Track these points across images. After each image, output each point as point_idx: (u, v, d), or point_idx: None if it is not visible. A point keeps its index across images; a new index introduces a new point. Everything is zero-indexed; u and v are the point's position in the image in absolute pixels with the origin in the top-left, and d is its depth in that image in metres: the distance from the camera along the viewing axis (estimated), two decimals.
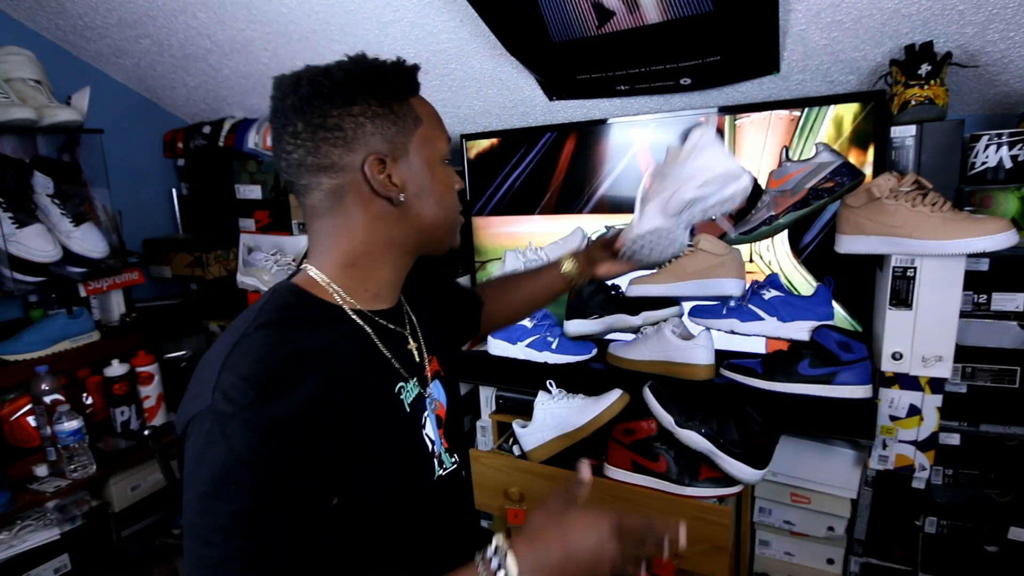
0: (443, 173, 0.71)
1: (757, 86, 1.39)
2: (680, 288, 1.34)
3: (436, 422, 0.74)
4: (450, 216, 0.74)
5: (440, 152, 0.71)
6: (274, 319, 0.62)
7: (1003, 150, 1.11)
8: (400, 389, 0.69)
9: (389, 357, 0.70)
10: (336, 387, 0.61)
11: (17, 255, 1.54)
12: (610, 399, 1.35)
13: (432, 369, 0.77)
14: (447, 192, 0.72)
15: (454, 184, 0.74)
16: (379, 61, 0.66)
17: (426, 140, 0.69)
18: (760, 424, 1.20)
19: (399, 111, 0.66)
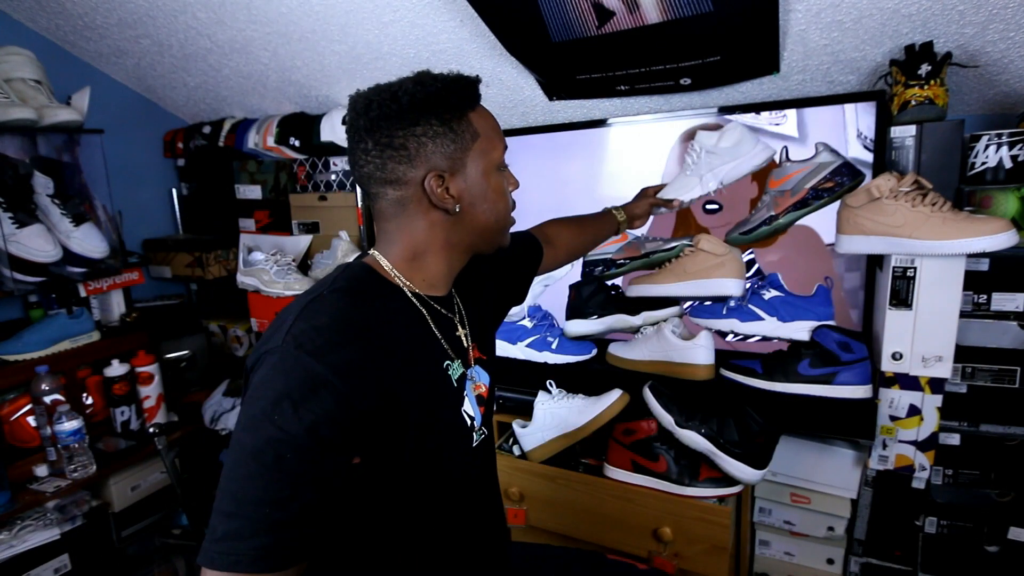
0: (498, 180, 0.77)
1: (757, 86, 1.39)
2: (680, 288, 1.34)
3: (476, 400, 0.81)
4: (501, 219, 0.80)
5: (495, 161, 0.76)
6: (347, 287, 0.71)
7: (1003, 150, 1.11)
8: (448, 366, 0.77)
9: (440, 337, 0.77)
10: (393, 352, 0.68)
11: (17, 255, 1.54)
12: (610, 399, 1.35)
13: (475, 355, 0.84)
14: (500, 198, 0.78)
15: (508, 188, 0.80)
16: (441, 79, 0.74)
17: (483, 152, 0.75)
18: (760, 424, 1.20)
19: (458, 128, 0.73)
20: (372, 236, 1.81)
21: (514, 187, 0.82)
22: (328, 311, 0.66)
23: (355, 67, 1.67)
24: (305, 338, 0.62)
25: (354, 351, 0.64)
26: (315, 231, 1.91)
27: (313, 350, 0.61)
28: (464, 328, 0.84)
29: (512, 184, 0.81)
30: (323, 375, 0.60)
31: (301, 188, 1.93)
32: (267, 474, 0.58)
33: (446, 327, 0.80)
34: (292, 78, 1.78)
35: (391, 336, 0.70)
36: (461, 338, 0.82)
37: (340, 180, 1.85)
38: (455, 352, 0.79)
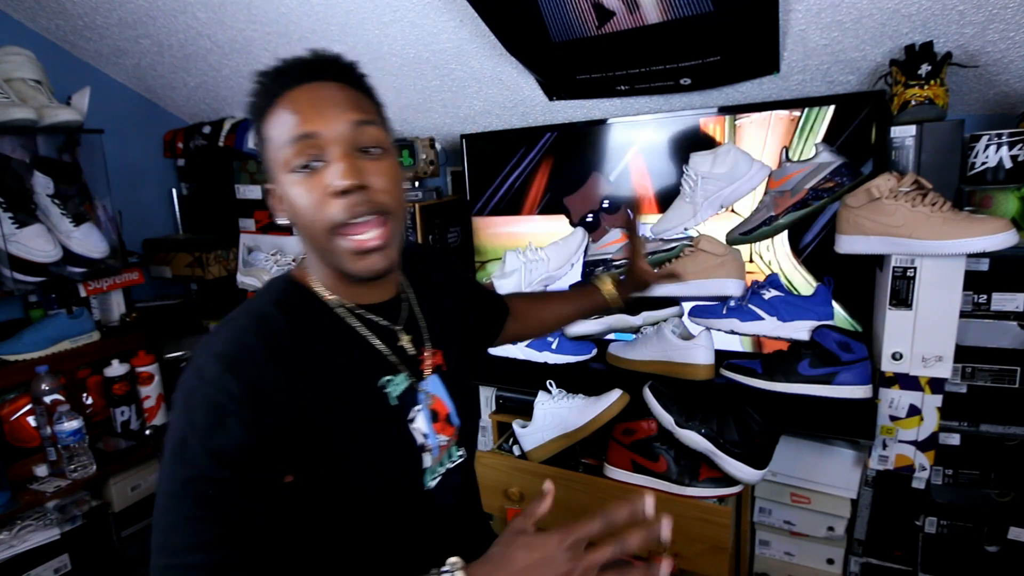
0: (293, 183, 0.64)
1: (757, 86, 1.39)
2: (680, 288, 1.34)
3: (430, 416, 0.74)
4: (313, 234, 0.65)
5: (282, 162, 0.64)
6: (259, 305, 0.67)
7: (1003, 150, 1.11)
8: (387, 382, 0.71)
9: (377, 349, 0.71)
10: (308, 373, 0.64)
11: (17, 255, 1.54)
12: (610, 399, 1.35)
13: (433, 363, 0.77)
14: (299, 206, 0.64)
15: (304, 193, 0.64)
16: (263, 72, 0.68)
17: (277, 150, 0.65)
18: (760, 424, 1.20)
19: (262, 130, 0.67)
20: None
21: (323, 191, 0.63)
22: (231, 336, 0.62)
23: None
24: (207, 368, 0.59)
25: (257, 375, 0.60)
26: None
27: (213, 379, 0.58)
28: (412, 333, 0.76)
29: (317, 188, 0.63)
30: (225, 404, 0.57)
31: None
32: (193, 516, 0.56)
33: (386, 336, 0.73)
34: None
35: (306, 354, 0.64)
36: (405, 346, 0.75)
37: None
38: (400, 363, 0.73)
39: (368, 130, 0.66)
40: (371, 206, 0.64)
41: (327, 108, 0.64)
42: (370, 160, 0.65)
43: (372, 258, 0.66)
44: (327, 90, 0.66)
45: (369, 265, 0.66)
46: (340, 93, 0.66)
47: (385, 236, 0.65)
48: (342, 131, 0.64)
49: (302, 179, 0.64)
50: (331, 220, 0.63)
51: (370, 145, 0.66)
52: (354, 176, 0.62)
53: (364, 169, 0.64)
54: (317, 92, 0.65)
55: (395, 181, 0.68)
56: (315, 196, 0.63)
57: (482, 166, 1.71)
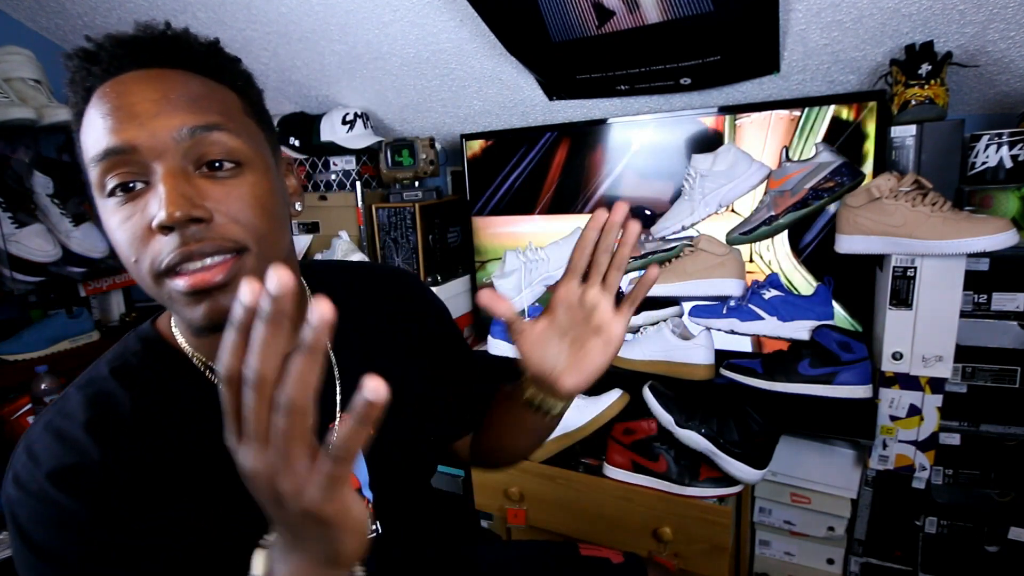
0: (106, 210, 0.49)
1: (757, 86, 1.39)
2: (680, 288, 1.34)
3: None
4: (137, 276, 0.50)
5: (92, 187, 0.49)
6: (100, 380, 0.54)
7: (1003, 150, 1.10)
8: None
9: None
10: (166, 468, 0.51)
11: (17, 255, 1.54)
12: (610, 399, 1.35)
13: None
14: (115, 241, 0.49)
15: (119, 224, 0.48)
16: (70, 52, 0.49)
17: (87, 168, 0.49)
18: (760, 424, 1.20)
19: (78, 134, 0.50)
20: (372, 236, 1.81)
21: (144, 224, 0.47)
22: (58, 435, 0.50)
23: (355, 67, 1.67)
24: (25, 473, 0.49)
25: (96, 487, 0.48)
26: (315, 231, 1.91)
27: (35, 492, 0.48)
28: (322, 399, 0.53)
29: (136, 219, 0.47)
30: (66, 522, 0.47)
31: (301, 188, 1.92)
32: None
33: None
34: (292, 78, 1.78)
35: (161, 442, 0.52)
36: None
37: (340, 180, 1.85)
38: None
39: (212, 138, 0.48)
40: (215, 243, 0.47)
41: (144, 108, 0.47)
42: (216, 181, 0.48)
43: (208, 302, 0.48)
44: (150, 82, 0.48)
45: (204, 311, 0.48)
46: (169, 85, 0.48)
47: (232, 270, 0.48)
48: (166, 141, 0.46)
49: (116, 206, 0.48)
50: (154, 262, 0.47)
51: (219, 158, 0.48)
52: (183, 205, 0.45)
53: (204, 192, 0.47)
54: (134, 86, 0.48)
55: (257, 204, 0.50)
56: (134, 229, 0.47)
57: (482, 166, 1.71)
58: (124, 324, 1.94)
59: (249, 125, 0.53)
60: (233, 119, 0.51)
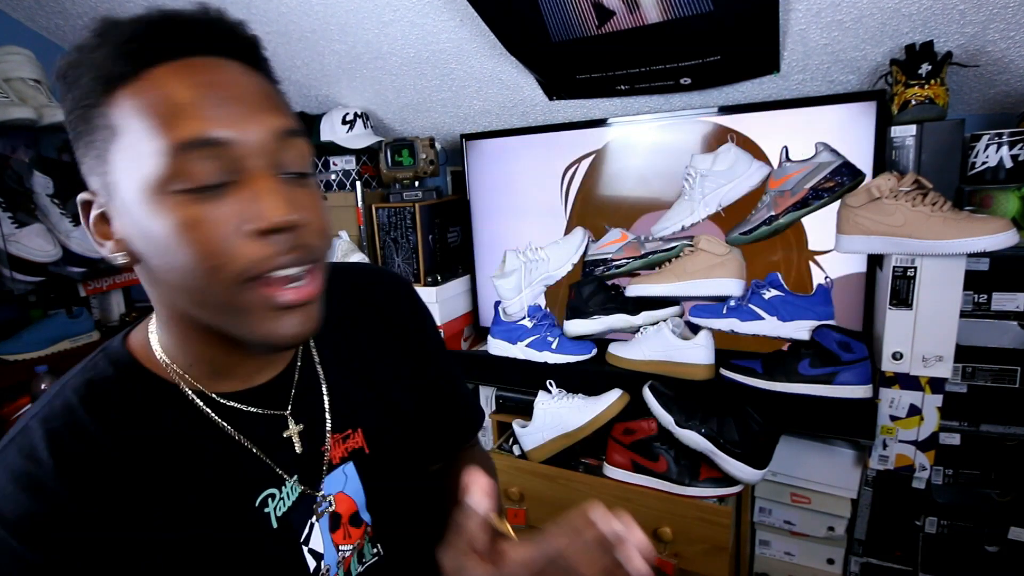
0: (166, 214, 0.42)
1: (757, 86, 1.39)
2: (680, 288, 1.34)
3: (329, 524, 0.56)
4: (205, 287, 0.44)
5: (153, 177, 0.42)
6: (67, 407, 0.47)
7: (1003, 150, 1.10)
8: (268, 498, 0.52)
9: (253, 453, 0.52)
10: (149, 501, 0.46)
11: (17, 255, 1.54)
12: (610, 399, 1.35)
13: (345, 449, 0.58)
14: (173, 247, 0.42)
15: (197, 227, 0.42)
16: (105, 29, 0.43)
17: (129, 159, 0.43)
18: (760, 424, 1.20)
19: (94, 121, 0.44)
20: (372, 236, 1.81)
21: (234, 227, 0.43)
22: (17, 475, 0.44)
23: (355, 67, 1.67)
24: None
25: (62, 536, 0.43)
26: None
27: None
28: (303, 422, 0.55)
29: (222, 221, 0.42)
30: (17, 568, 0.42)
31: None
32: None
33: (268, 430, 0.53)
34: (292, 78, 1.78)
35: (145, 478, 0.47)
36: (293, 441, 0.54)
37: (340, 180, 1.85)
38: (284, 468, 0.53)
39: (297, 144, 0.46)
40: (304, 252, 0.45)
41: (247, 101, 0.44)
42: (299, 187, 0.46)
43: (298, 316, 0.46)
44: (235, 74, 0.44)
45: (294, 327, 0.46)
46: (255, 83, 0.45)
47: (319, 288, 0.47)
48: (266, 141, 0.44)
49: (188, 203, 0.42)
50: (246, 269, 0.43)
51: (298, 167, 0.46)
52: (289, 209, 0.43)
53: (295, 199, 0.45)
54: (225, 75, 0.44)
55: (324, 213, 0.48)
56: (219, 231, 0.42)
57: (482, 165, 1.71)
58: (124, 324, 1.94)
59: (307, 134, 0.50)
60: (301, 125, 0.48)
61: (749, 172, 1.29)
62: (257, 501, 0.51)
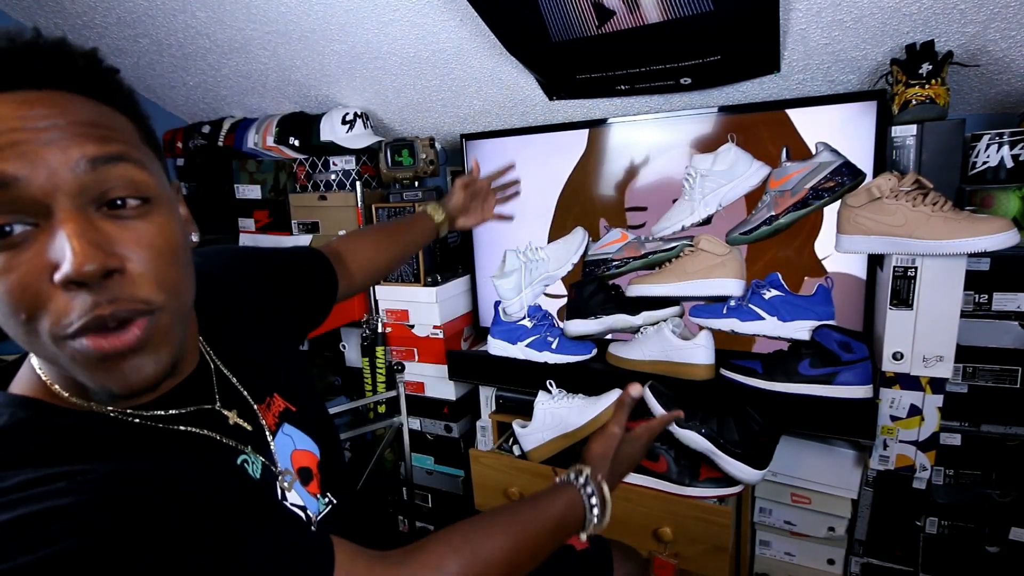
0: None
1: (757, 86, 1.39)
2: (680, 288, 1.33)
3: (302, 478, 0.60)
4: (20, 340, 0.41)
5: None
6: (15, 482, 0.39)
7: (1004, 149, 1.10)
8: (244, 463, 0.54)
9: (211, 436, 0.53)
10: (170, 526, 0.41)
11: None
12: (610, 399, 1.35)
13: (274, 416, 0.61)
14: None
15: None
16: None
17: None
18: (760, 424, 1.20)
19: None
20: None
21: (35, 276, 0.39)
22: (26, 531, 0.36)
23: (355, 67, 1.67)
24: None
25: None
26: (315, 231, 1.91)
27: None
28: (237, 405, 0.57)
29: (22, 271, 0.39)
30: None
31: (301, 188, 1.92)
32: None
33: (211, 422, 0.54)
34: (292, 78, 1.78)
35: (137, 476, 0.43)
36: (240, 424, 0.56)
37: (340, 180, 1.84)
38: (241, 440, 0.55)
39: (115, 171, 0.41)
40: (125, 307, 0.40)
41: (30, 135, 0.39)
42: (122, 222, 0.41)
43: (131, 363, 0.42)
44: (31, 105, 0.40)
45: (128, 375, 0.42)
46: (57, 108, 0.40)
47: (147, 330, 0.42)
48: (62, 175, 0.39)
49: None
50: (56, 326, 0.39)
51: (124, 194, 0.41)
52: (96, 256, 0.38)
53: (113, 239, 0.40)
54: (10, 110, 0.39)
55: (168, 251, 0.43)
56: (21, 283, 0.38)
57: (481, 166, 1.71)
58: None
59: (148, 153, 0.45)
60: (132, 147, 0.43)
61: (749, 172, 1.29)
62: (238, 462, 0.53)
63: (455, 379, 1.66)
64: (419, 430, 1.80)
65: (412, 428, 1.80)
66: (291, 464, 0.60)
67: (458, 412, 1.75)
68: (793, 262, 1.41)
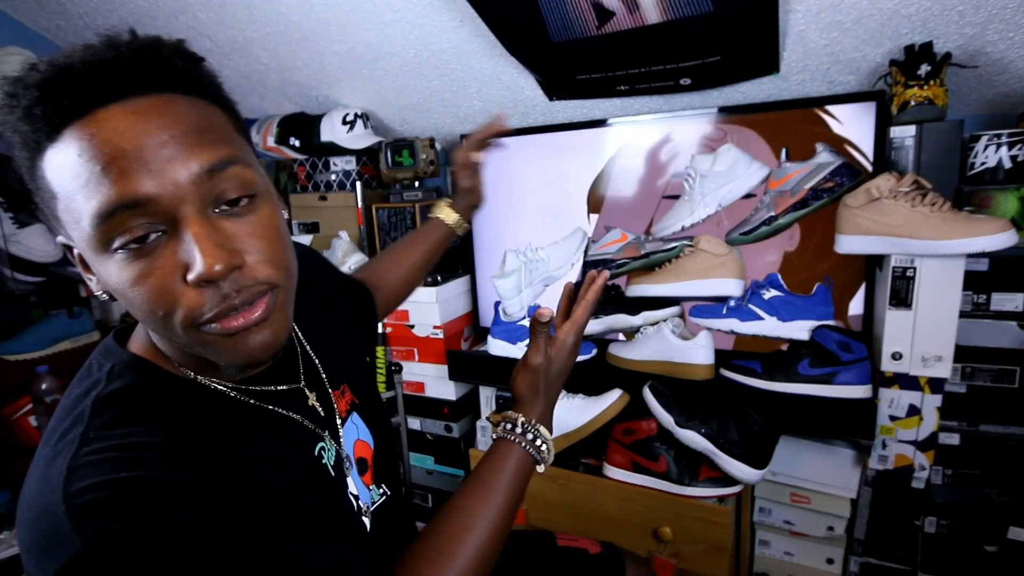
0: (113, 271, 0.44)
1: (757, 86, 1.39)
2: (680, 288, 1.34)
3: (359, 468, 0.64)
4: (157, 329, 0.47)
5: (91, 242, 0.43)
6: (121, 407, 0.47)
7: (1003, 150, 1.11)
8: (321, 450, 0.59)
9: (296, 419, 0.58)
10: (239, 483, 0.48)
11: (18, 255, 1.54)
12: (610, 399, 1.36)
13: (345, 404, 0.66)
14: (128, 299, 0.45)
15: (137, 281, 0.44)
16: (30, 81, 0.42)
17: (69, 224, 0.44)
18: (760, 424, 1.20)
19: (42, 181, 0.44)
20: (372, 236, 1.81)
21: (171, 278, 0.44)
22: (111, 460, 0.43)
23: (355, 67, 1.67)
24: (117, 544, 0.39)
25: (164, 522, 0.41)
26: (315, 231, 1.91)
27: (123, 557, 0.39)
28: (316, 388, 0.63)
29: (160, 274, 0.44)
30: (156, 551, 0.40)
31: (301, 188, 1.93)
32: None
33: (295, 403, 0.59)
34: (292, 78, 1.78)
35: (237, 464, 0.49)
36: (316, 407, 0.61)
37: (340, 180, 1.85)
38: (319, 424, 0.60)
39: (229, 174, 0.45)
40: (251, 291, 0.46)
41: (153, 152, 0.42)
42: (237, 219, 0.46)
43: (257, 335, 0.47)
44: (147, 117, 0.42)
45: (257, 346, 0.47)
46: (169, 118, 0.43)
47: (270, 306, 0.48)
48: (185, 188, 0.43)
49: (127, 261, 0.43)
50: (189, 318, 0.45)
51: (237, 195, 0.46)
52: (222, 257, 0.43)
53: (232, 236, 0.45)
54: (129, 124, 0.41)
55: (277, 236, 0.48)
56: (159, 284, 0.44)
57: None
58: (124, 323, 1.94)
59: (243, 145, 0.49)
60: (235, 144, 0.47)
61: (749, 172, 1.30)
62: (315, 452, 0.58)
63: (455, 379, 1.66)
64: (419, 430, 1.80)
65: (412, 428, 1.80)
66: (352, 453, 0.65)
67: (458, 412, 1.75)
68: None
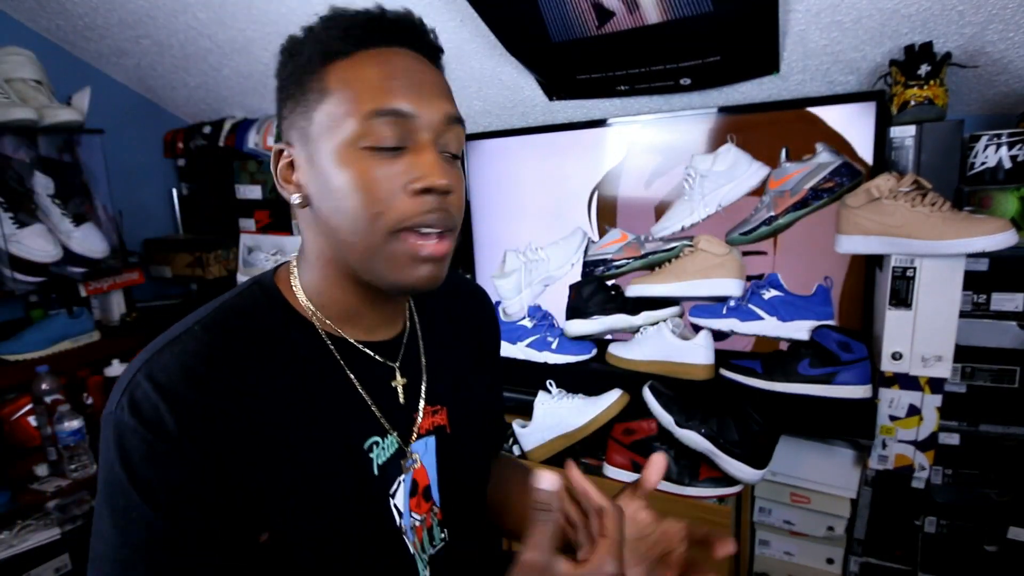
0: (352, 165, 0.51)
1: (757, 86, 1.39)
2: (680, 288, 1.34)
3: (410, 489, 0.61)
4: (364, 229, 0.52)
5: (348, 134, 0.51)
6: (226, 320, 0.55)
7: (1002, 150, 1.11)
8: (373, 445, 0.58)
9: (367, 401, 0.59)
10: (271, 418, 0.52)
11: (18, 255, 1.54)
12: (610, 399, 1.36)
13: (431, 422, 0.64)
14: (349, 193, 0.51)
15: (373, 179, 0.51)
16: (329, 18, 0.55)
17: (331, 118, 0.52)
18: (760, 424, 1.20)
19: (308, 84, 0.53)
20: None
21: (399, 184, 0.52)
22: (180, 362, 0.50)
23: None
24: (145, 403, 0.48)
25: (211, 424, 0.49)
26: None
27: (151, 422, 0.47)
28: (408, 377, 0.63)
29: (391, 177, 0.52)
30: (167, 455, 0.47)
31: None
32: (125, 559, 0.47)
33: (379, 379, 0.61)
34: None
35: (269, 392, 0.53)
36: (398, 391, 0.62)
37: None
38: (389, 420, 0.60)
39: (457, 130, 0.57)
40: (446, 216, 0.54)
41: (426, 88, 0.54)
42: (451, 165, 0.56)
43: (430, 268, 0.54)
44: (420, 65, 0.55)
45: (426, 274, 0.54)
46: (434, 74, 0.57)
47: (450, 249, 0.56)
48: (436, 121, 0.54)
49: (376, 159, 0.51)
50: (400, 220, 0.52)
51: (454, 151, 0.57)
52: (450, 176, 0.53)
53: (449, 173, 0.54)
54: (414, 65, 0.55)
55: (462, 195, 0.57)
56: (389, 184, 0.51)
57: (482, 166, 1.72)
58: (124, 324, 1.94)
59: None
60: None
61: (749, 172, 1.30)
62: (365, 445, 0.58)
63: None
64: None
65: None
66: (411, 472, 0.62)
67: None
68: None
